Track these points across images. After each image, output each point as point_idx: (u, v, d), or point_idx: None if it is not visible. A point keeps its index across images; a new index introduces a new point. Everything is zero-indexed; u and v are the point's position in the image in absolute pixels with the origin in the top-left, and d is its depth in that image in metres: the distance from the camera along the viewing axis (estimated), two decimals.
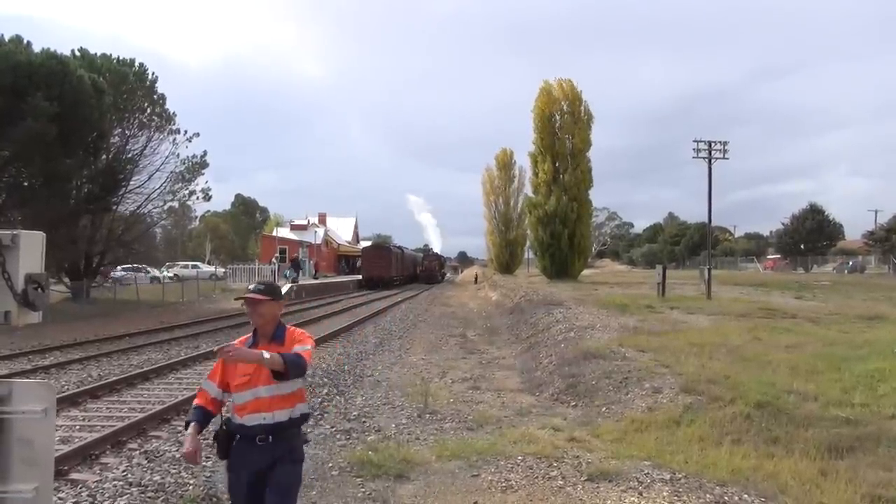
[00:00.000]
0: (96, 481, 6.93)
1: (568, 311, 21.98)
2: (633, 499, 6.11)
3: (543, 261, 53.76)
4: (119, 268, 39.11)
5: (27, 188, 28.51)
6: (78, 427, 9.44)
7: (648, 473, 6.72)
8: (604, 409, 10.21)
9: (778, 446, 7.70)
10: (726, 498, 6.11)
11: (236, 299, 4.49)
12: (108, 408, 11.02)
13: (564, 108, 53.11)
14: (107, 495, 6.52)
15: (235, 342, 3.88)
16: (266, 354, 3.72)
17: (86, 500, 6.39)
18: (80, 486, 6.82)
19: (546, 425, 9.06)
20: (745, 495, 6.17)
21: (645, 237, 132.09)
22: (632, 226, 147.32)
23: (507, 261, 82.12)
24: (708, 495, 6.15)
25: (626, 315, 20.85)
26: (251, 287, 4.11)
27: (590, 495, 6.24)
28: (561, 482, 6.62)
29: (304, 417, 4.11)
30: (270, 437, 3.88)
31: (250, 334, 4.09)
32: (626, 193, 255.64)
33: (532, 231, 56.33)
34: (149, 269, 59.08)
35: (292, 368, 3.78)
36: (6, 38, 28.30)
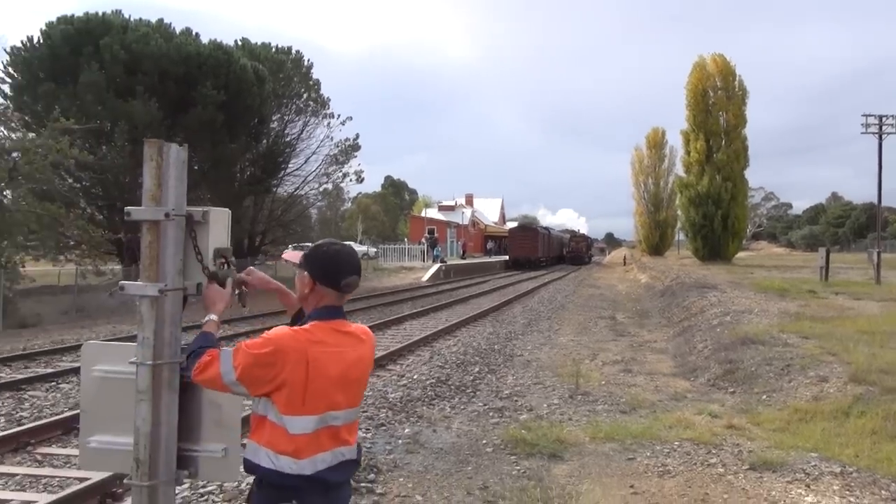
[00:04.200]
0: None
1: (723, 295, 21.19)
2: (799, 490, 5.86)
3: (695, 243, 52.28)
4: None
5: (197, 172, 30.56)
6: None
7: (816, 465, 6.41)
8: (764, 396, 9.80)
9: None
10: None
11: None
12: None
13: (718, 83, 51.14)
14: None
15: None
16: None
17: None
18: None
19: (703, 411, 8.82)
20: None
21: (805, 218, 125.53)
22: (790, 206, 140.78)
23: (656, 242, 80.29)
24: (883, 491, 5.80)
25: (786, 300, 19.89)
26: None
27: (752, 485, 6.04)
28: (721, 469, 6.45)
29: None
30: None
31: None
32: (784, 172, 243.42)
33: (683, 212, 54.89)
34: None
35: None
36: (177, 31, 30.40)
